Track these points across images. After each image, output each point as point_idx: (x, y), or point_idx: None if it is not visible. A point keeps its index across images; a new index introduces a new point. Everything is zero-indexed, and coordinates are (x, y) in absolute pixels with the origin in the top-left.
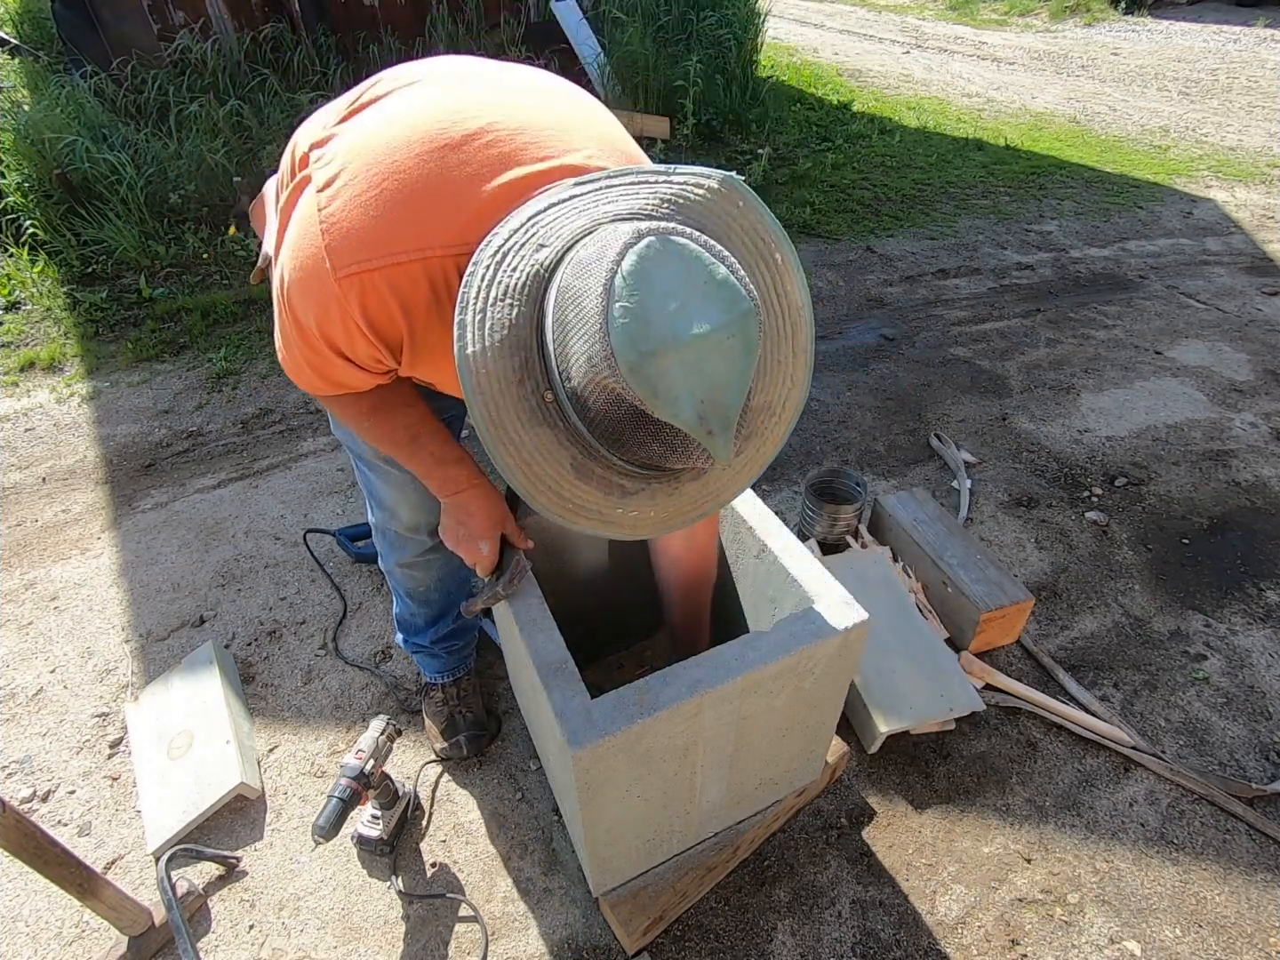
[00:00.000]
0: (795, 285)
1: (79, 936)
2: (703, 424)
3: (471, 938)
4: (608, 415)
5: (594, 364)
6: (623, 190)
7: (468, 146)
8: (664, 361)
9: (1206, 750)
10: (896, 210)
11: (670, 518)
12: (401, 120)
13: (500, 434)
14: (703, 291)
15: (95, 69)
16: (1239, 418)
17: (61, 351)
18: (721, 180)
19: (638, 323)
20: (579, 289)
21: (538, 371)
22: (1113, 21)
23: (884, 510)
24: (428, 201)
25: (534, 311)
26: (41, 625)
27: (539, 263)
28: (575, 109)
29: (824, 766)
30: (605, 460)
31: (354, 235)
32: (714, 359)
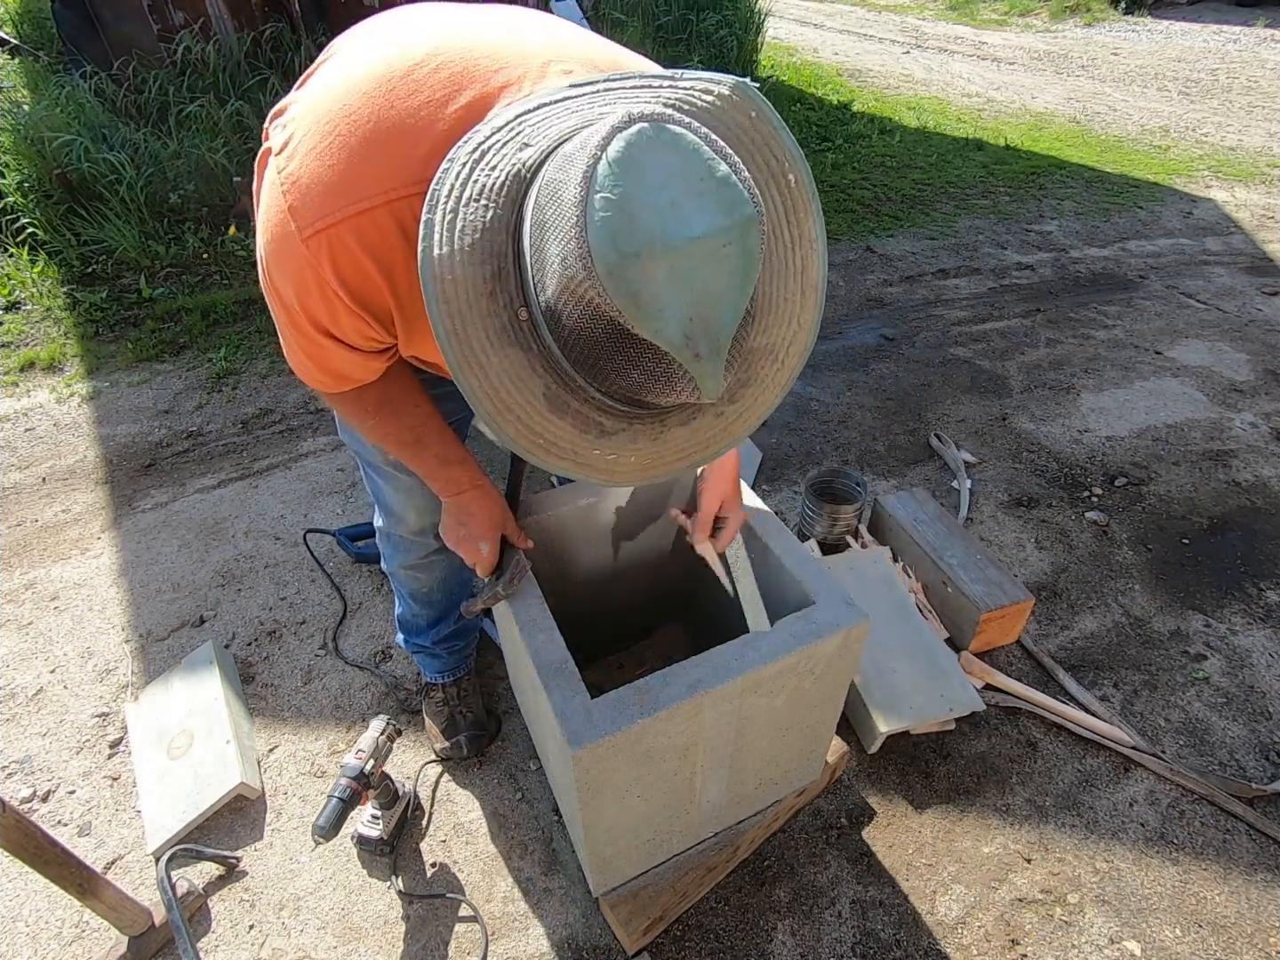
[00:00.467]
0: (810, 213)
1: (79, 936)
2: (689, 345)
3: (471, 938)
4: (583, 333)
5: (568, 265)
6: (622, 93)
7: (416, 74)
8: (649, 266)
9: (1206, 750)
10: (896, 210)
11: (652, 465)
12: (349, 69)
13: (465, 352)
14: (699, 189)
15: (95, 69)
16: (1239, 418)
17: (61, 351)
18: (733, 86)
19: (621, 217)
20: (559, 181)
21: (512, 284)
22: (1113, 21)
23: (884, 510)
24: (382, 139)
25: (511, 215)
26: (41, 625)
27: (521, 162)
28: (541, 26)
29: (824, 766)
30: (582, 392)
31: (313, 189)
32: (707, 269)
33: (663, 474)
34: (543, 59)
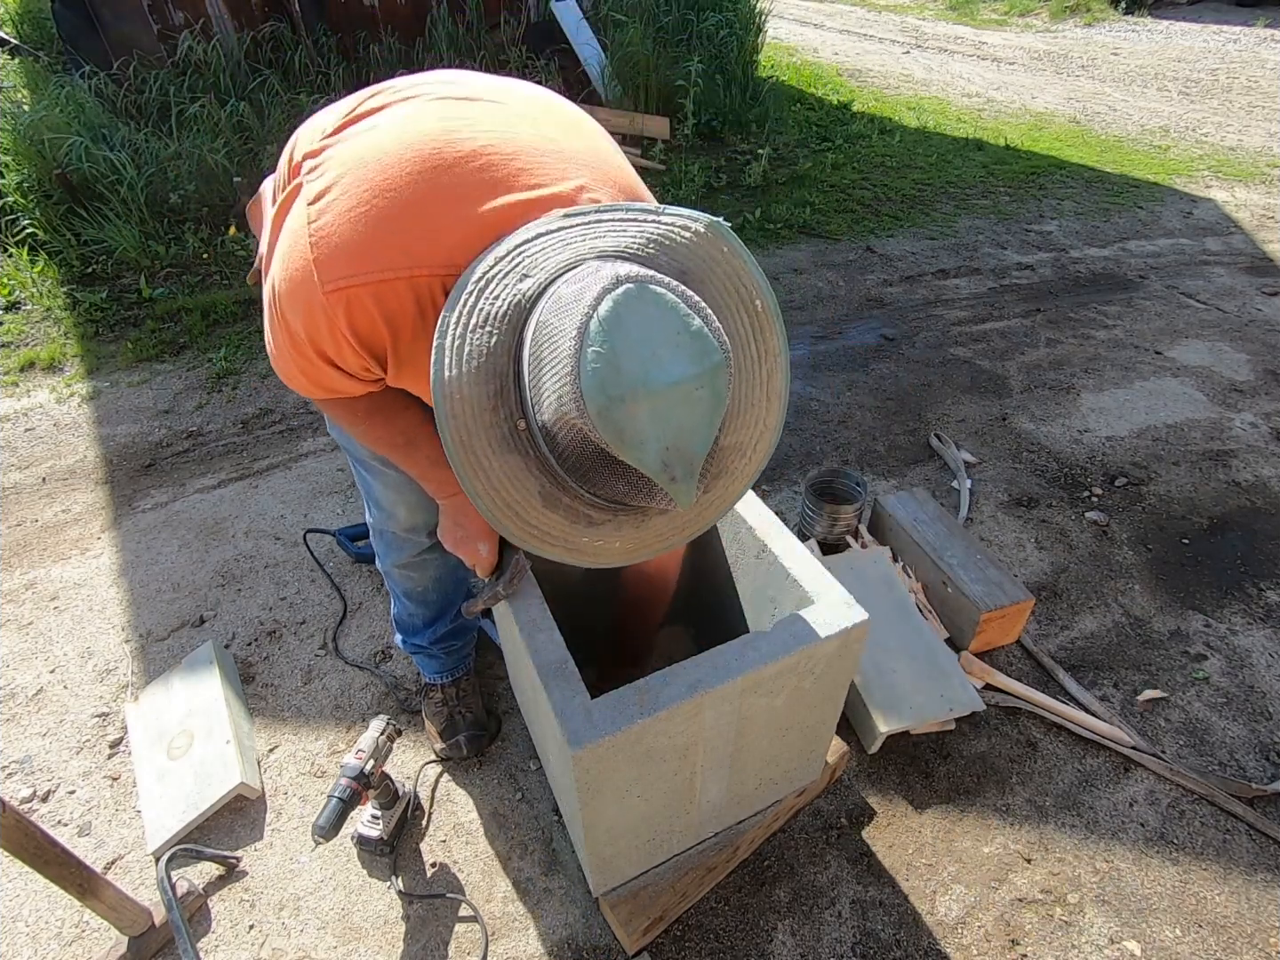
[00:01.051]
0: (774, 333)
1: (79, 936)
2: (666, 470)
3: (471, 938)
4: (575, 452)
5: (563, 404)
6: (610, 226)
7: (461, 168)
8: (632, 408)
9: (1206, 750)
10: (896, 210)
11: (636, 549)
12: (396, 136)
13: (470, 459)
14: (675, 341)
15: (95, 69)
16: (1239, 418)
17: (61, 351)
18: (708, 225)
19: (609, 368)
20: (555, 328)
21: (512, 400)
22: (1113, 21)
23: (884, 510)
24: (417, 221)
25: (512, 340)
26: (41, 625)
27: (521, 293)
28: (574, 135)
29: (824, 766)
30: (573, 491)
31: (342, 250)
32: (682, 408)
33: (644, 555)
34: (577, 183)
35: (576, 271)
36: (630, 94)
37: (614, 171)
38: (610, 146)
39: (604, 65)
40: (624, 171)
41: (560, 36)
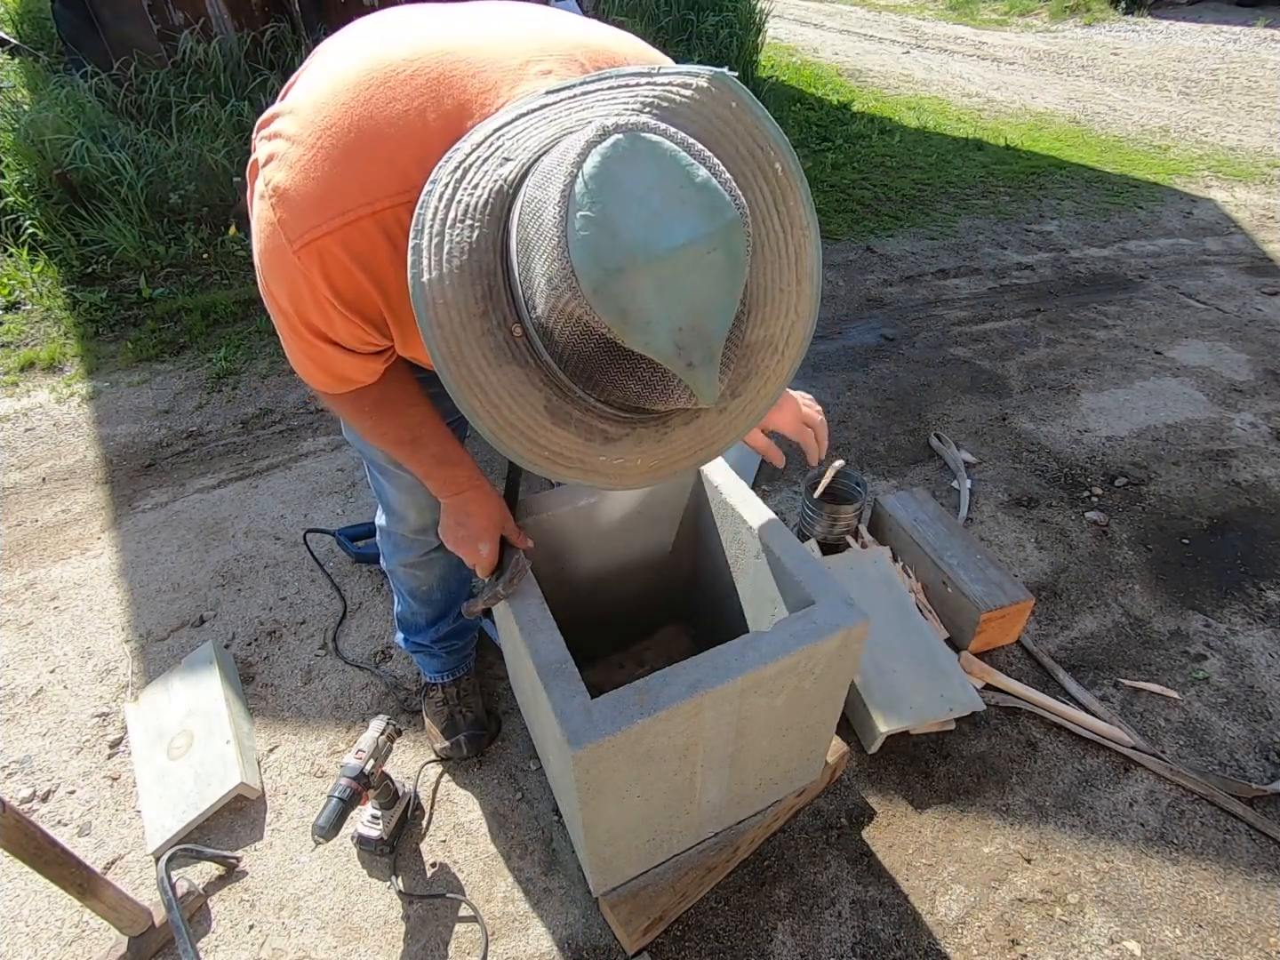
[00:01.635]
0: (799, 200)
1: (79, 936)
2: (681, 355)
3: (471, 938)
4: (576, 349)
5: (554, 286)
6: (599, 96)
7: (391, 80)
8: (634, 279)
9: (1206, 750)
10: (896, 210)
11: (660, 466)
12: (327, 76)
13: (463, 373)
14: (680, 196)
15: (96, 69)
16: (1239, 418)
17: (61, 351)
18: (711, 78)
19: (602, 233)
20: (539, 200)
21: (504, 302)
22: (1113, 21)
23: (884, 510)
24: (363, 150)
25: (497, 233)
26: (41, 625)
27: (502, 178)
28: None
29: (824, 766)
30: (582, 402)
31: (299, 202)
32: (694, 277)
33: (670, 474)
34: (520, 59)
35: (564, 143)
36: None
37: (575, 44)
38: (570, 18)
39: None
40: (589, 36)
41: None
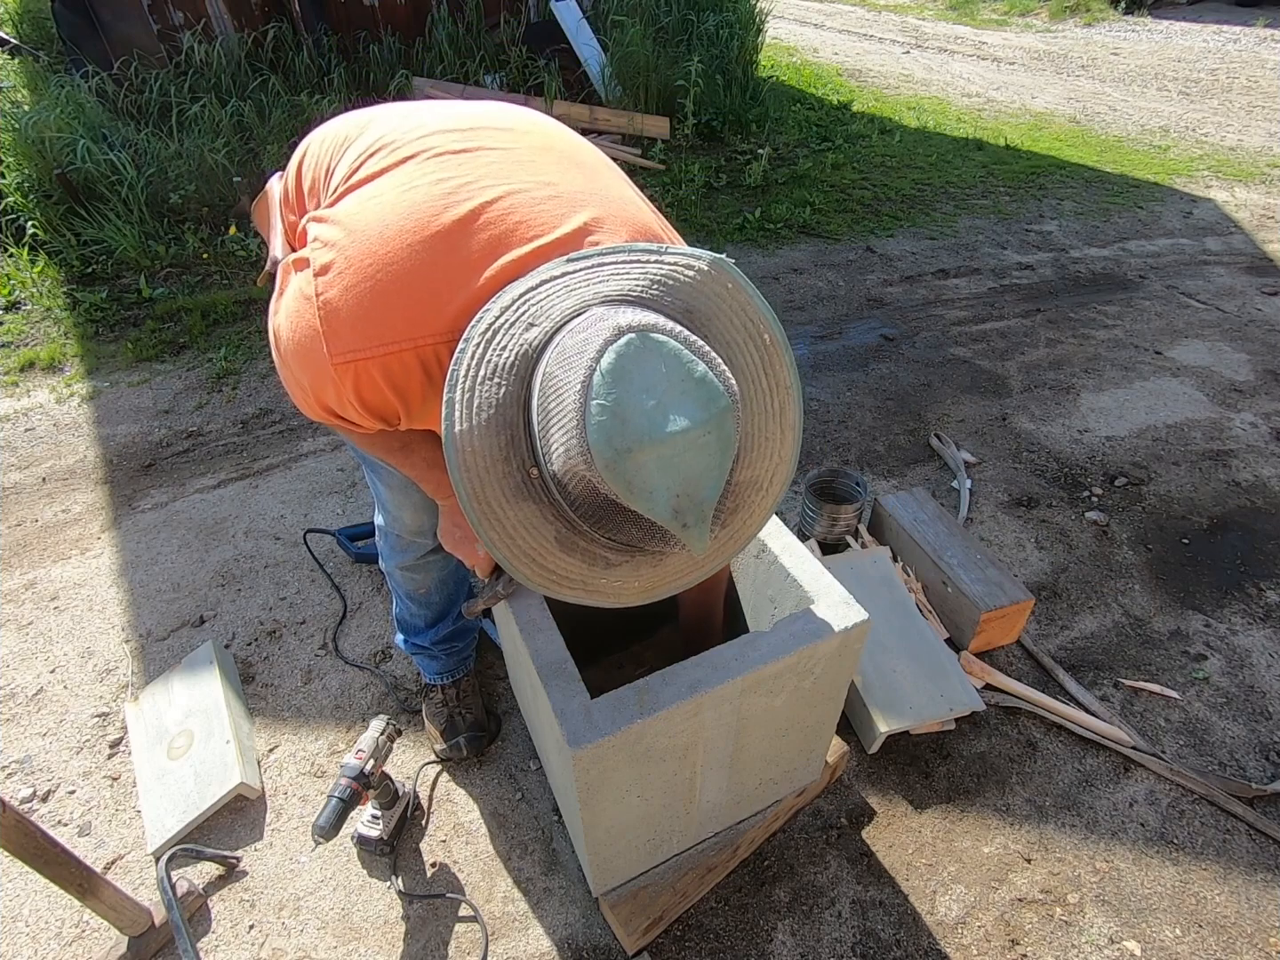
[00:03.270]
0: (784, 365)
1: (79, 936)
2: (678, 518)
3: (471, 938)
4: (587, 501)
5: (570, 457)
6: (614, 269)
7: (459, 233)
8: (640, 458)
9: (1206, 750)
10: (896, 210)
11: (654, 586)
12: (394, 206)
13: (484, 509)
14: (680, 389)
15: (96, 69)
16: (1239, 418)
17: (61, 351)
18: (710, 262)
19: (615, 420)
20: (560, 381)
21: (524, 449)
22: (1113, 21)
23: (884, 510)
24: (420, 292)
25: (521, 390)
26: (41, 625)
27: (528, 342)
28: (573, 172)
29: (824, 766)
30: (588, 536)
31: (348, 325)
32: (690, 455)
33: (662, 594)
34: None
35: (580, 320)
36: (630, 94)
37: (616, 206)
38: (612, 176)
39: (604, 65)
40: (628, 204)
41: (560, 36)
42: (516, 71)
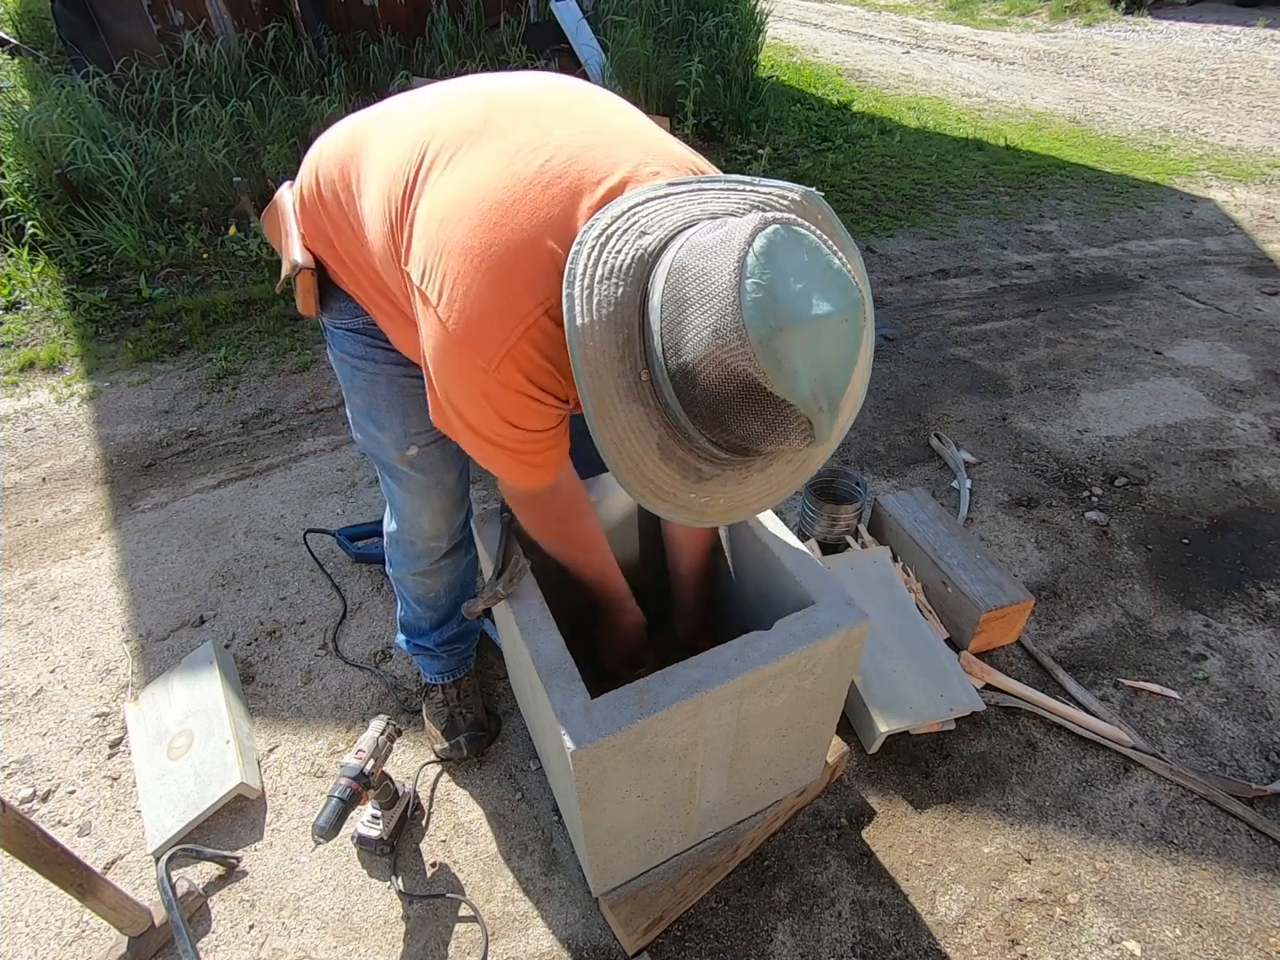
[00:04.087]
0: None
1: (79, 936)
2: (814, 400)
3: (471, 938)
4: (715, 392)
5: (721, 336)
6: (715, 194)
7: (530, 195)
8: (788, 337)
9: (1206, 750)
10: (896, 210)
11: (735, 507)
12: (467, 201)
13: (600, 406)
14: (823, 277)
15: (96, 70)
16: (1239, 418)
17: (61, 351)
18: (803, 193)
19: (770, 298)
20: (702, 268)
21: (637, 350)
22: (1113, 21)
23: (884, 510)
24: (522, 260)
25: (637, 293)
26: (41, 625)
27: (643, 247)
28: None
29: (824, 766)
30: (689, 442)
31: (484, 327)
32: (829, 340)
33: (743, 515)
34: (632, 161)
35: (699, 227)
36: (630, 94)
37: (667, 149)
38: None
39: (604, 65)
40: (666, 141)
41: (560, 36)
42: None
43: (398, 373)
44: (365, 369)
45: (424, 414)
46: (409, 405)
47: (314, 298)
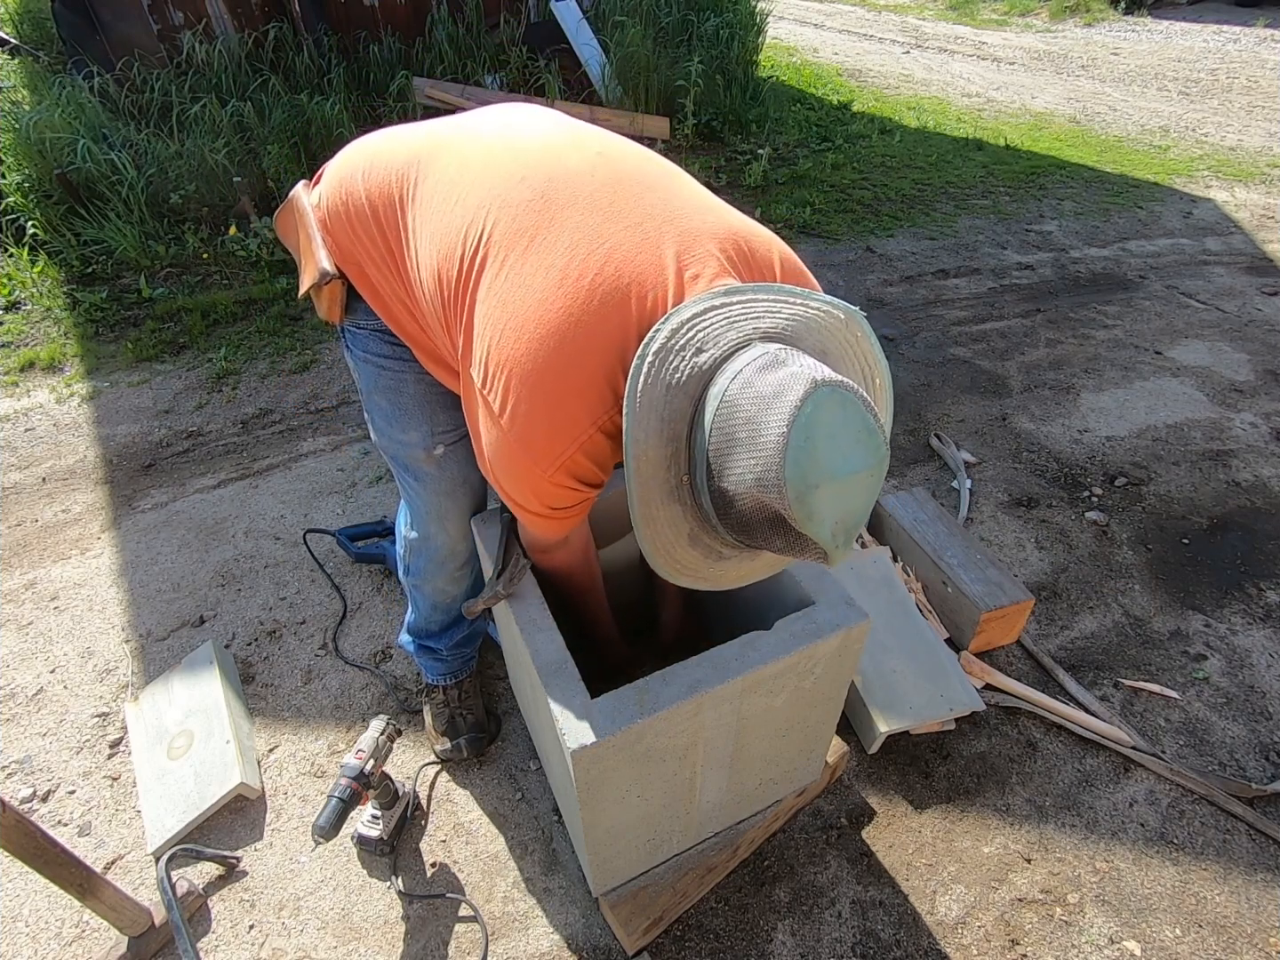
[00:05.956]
0: (885, 407)
1: (79, 936)
2: (834, 539)
3: (471, 938)
4: (750, 516)
5: (763, 484)
6: (766, 306)
7: (587, 313)
8: (822, 492)
9: (1206, 750)
10: (896, 210)
11: (746, 575)
12: (526, 319)
13: (646, 510)
14: (858, 438)
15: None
16: (1239, 418)
17: (61, 351)
18: (846, 313)
19: (810, 460)
20: (753, 415)
21: (682, 459)
22: (1113, 21)
23: (884, 510)
24: (582, 383)
25: (690, 408)
26: (41, 625)
27: (699, 365)
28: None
29: (824, 766)
30: (717, 535)
31: (545, 441)
32: (855, 492)
33: (751, 580)
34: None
35: (754, 354)
36: (630, 94)
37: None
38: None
39: (604, 65)
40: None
41: (560, 37)
42: (517, 72)
43: (426, 370)
44: (392, 368)
45: (451, 411)
46: (437, 403)
47: (341, 306)
